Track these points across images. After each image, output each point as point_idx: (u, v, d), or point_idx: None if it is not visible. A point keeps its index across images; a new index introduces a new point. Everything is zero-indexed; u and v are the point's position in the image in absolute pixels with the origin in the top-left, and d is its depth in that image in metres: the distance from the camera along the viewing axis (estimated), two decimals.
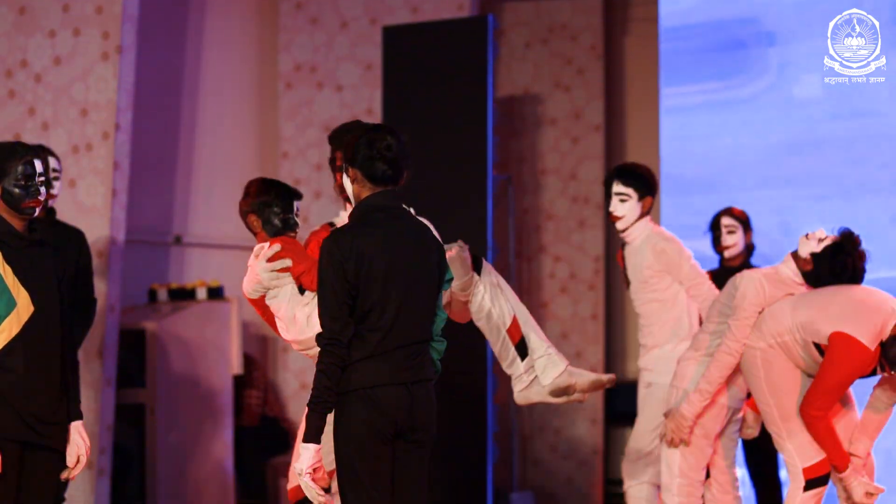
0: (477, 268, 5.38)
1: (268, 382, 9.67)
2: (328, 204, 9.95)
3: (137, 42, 8.09)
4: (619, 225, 6.70)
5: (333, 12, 10.14)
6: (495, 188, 9.66)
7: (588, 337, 10.46)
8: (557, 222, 10.62)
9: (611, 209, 6.70)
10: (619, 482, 7.01)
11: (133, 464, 8.74)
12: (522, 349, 5.45)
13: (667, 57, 9.54)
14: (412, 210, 4.97)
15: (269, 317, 5.32)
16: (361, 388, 4.57)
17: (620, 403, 10.64)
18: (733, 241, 7.48)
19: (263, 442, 9.35)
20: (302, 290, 5.14)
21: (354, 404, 4.58)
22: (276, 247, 5.15)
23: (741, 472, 7.15)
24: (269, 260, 5.14)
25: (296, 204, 5.30)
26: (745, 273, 6.22)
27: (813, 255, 6.03)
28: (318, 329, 4.68)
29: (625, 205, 6.66)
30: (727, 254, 7.49)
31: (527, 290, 10.62)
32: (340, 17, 10.14)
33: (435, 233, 4.92)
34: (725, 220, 7.50)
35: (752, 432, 6.48)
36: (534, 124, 10.75)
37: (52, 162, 6.77)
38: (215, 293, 9.11)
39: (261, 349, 10.08)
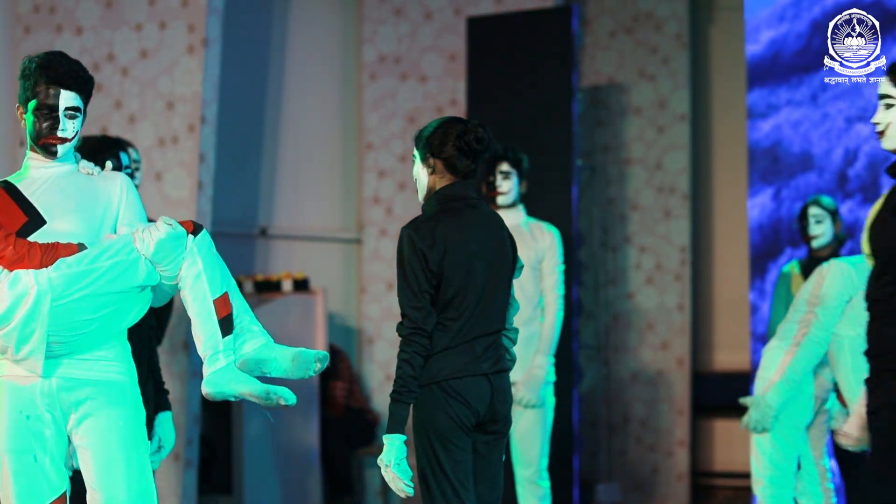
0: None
1: (353, 374, 9.67)
2: (412, 196, 9.94)
3: (223, 35, 8.12)
4: None
5: (418, 3, 10.14)
6: (580, 178, 9.62)
7: (674, 328, 10.39)
8: (643, 212, 10.55)
9: None
10: (706, 474, 6.94)
11: (219, 455, 8.79)
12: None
13: (753, 45, 9.44)
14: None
15: None
16: (444, 380, 4.54)
17: (707, 395, 10.57)
18: (821, 231, 7.38)
19: (349, 433, 9.37)
20: None
21: (437, 395, 4.55)
22: None
23: (832, 463, 7.07)
24: None
25: None
26: (833, 262, 6.15)
27: None
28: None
29: None
30: (815, 244, 7.40)
31: (612, 281, 10.57)
32: (425, 7, 10.13)
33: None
34: (813, 210, 7.42)
35: (837, 424, 6.41)
36: (619, 114, 10.69)
37: (133, 153, 6.81)
38: (301, 285, 9.14)
39: (346, 340, 10.09)
